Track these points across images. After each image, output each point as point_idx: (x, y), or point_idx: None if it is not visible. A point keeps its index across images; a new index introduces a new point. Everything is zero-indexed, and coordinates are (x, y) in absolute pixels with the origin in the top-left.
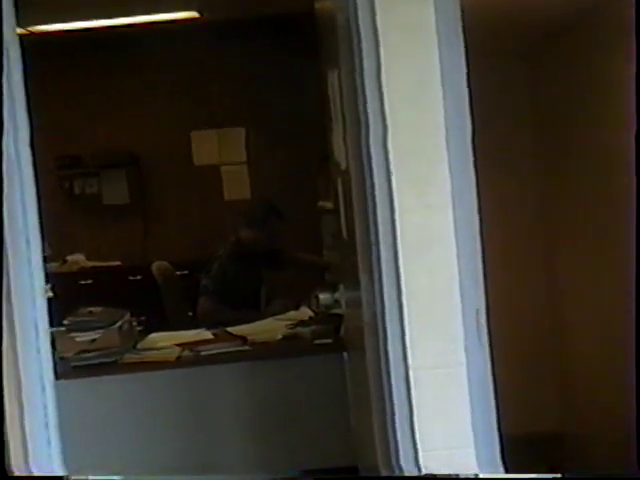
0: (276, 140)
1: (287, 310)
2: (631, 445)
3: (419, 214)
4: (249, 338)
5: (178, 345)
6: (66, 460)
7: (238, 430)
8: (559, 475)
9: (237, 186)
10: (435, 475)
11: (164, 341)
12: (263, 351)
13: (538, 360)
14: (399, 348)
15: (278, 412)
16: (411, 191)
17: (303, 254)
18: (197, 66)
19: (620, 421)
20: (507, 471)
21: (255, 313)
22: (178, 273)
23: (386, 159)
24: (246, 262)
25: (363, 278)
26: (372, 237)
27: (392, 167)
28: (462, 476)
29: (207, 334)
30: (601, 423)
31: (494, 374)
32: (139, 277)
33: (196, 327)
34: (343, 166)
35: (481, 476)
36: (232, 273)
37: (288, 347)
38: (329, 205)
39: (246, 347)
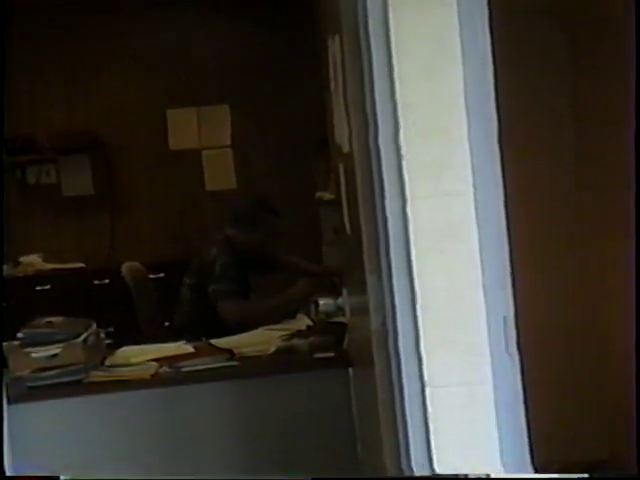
0: (266, 120)
1: (309, 294)
2: None
3: (435, 203)
4: (236, 352)
5: (154, 360)
6: None
7: (224, 458)
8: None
9: (221, 174)
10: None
11: (138, 356)
12: (253, 367)
13: (576, 376)
14: (413, 362)
15: (271, 439)
16: (426, 176)
17: (298, 260)
18: (176, 36)
19: None
20: None
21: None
22: (152, 276)
23: (396, 139)
24: (236, 265)
25: (370, 280)
26: (380, 231)
27: (403, 148)
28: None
29: (187, 347)
30: None
31: (525, 393)
32: (106, 281)
33: (175, 339)
34: (345, 149)
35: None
36: (238, 272)
37: (282, 362)
38: (329, 195)
39: (233, 362)
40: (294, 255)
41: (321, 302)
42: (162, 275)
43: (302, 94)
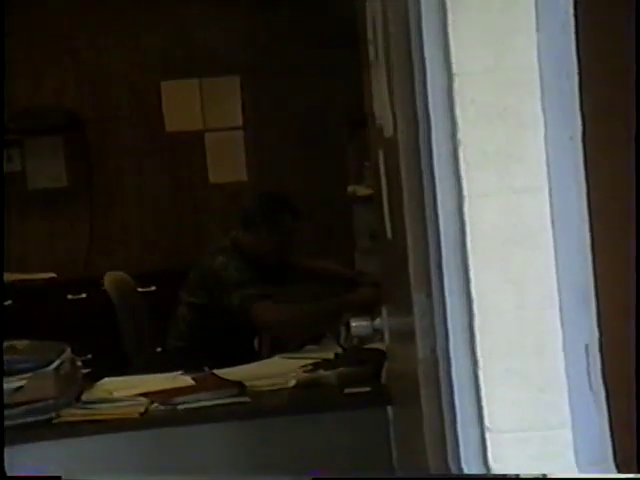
0: (286, 96)
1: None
2: None
3: (500, 202)
4: (247, 385)
5: (144, 395)
6: None
7: None
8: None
9: (229, 163)
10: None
11: (123, 390)
12: (268, 404)
13: None
14: (471, 401)
15: None
16: (488, 168)
17: (329, 265)
18: None
19: None
20: None
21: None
22: (141, 290)
23: (452, 121)
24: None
25: (417, 296)
26: (430, 236)
27: (460, 132)
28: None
29: (185, 379)
30: None
31: (613, 439)
32: (83, 295)
33: (170, 368)
34: (387, 132)
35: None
36: (257, 279)
37: (305, 399)
38: (364, 190)
39: (244, 398)
40: (322, 260)
41: (354, 323)
42: (153, 289)
43: (331, 63)
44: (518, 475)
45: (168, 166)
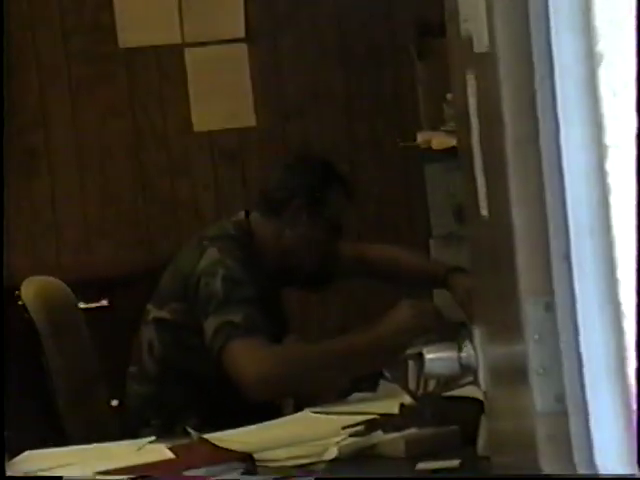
0: None
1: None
2: None
3: None
4: (259, 458)
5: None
6: None
7: None
8: None
9: (225, 98)
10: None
11: (55, 467)
12: None
13: None
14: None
15: None
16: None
17: (391, 250)
18: None
19: None
20: None
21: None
22: (84, 306)
23: (589, 28)
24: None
25: (530, 310)
26: (552, 211)
27: (601, 42)
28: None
29: (158, 449)
30: None
31: None
32: None
33: (131, 432)
34: (481, 45)
35: None
36: (259, 290)
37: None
38: (445, 140)
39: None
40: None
41: (429, 355)
42: (104, 303)
43: None
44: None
45: (124, 106)
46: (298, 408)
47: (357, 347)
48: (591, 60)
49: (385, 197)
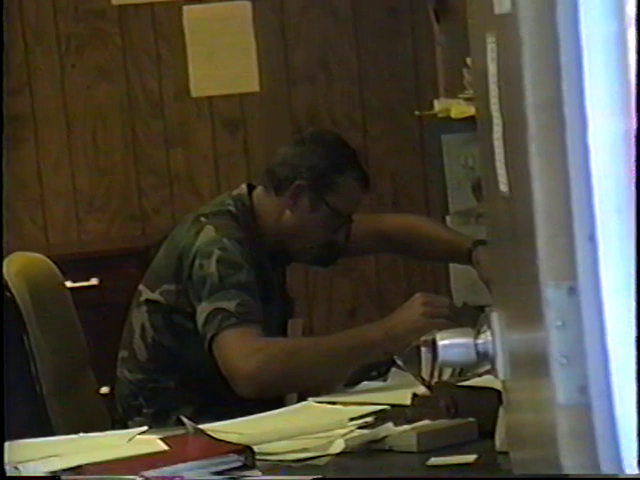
0: None
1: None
2: None
3: None
4: (259, 450)
5: (77, 472)
6: None
7: None
8: None
9: (226, 61)
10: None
11: (37, 462)
12: None
13: None
14: None
15: None
16: None
17: (413, 220)
18: None
19: None
20: None
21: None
22: (72, 285)
23: None
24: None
25: (551, 293)
26: (575, 187)
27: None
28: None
29: (152, 441)
30: None
31: None
32: None
33: (123, 422)
34: (502, 5)
35: None
36: (258, 274)
37: (362, 475)
38: (464, 109)
39: (254, 475)
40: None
41: (443, 342)
42: (94, 282)
43: None
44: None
45: (117, 66)
46: (301, 398)
47: (362, 344)
48: (620, 20)
49: (399, 170)
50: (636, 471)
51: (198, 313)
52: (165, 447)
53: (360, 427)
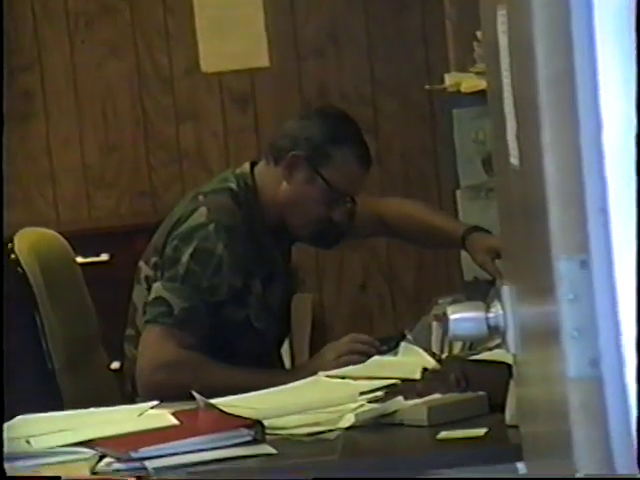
0: None
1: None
2: None
3: None
4: (269, 425)
5: (88, 445)
6: None
7: None
8: None
9: (236, 35)
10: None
11: (51, 435)
12: (307, 461)
13: None
14: None
15: None
16: None
17: (411, 205)
18: None
19: None
20: None
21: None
22: (83, 260)
23: None
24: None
25: (563, 266)
26: (586, 161)
27: None
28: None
29: (162, 415)
30: None
31: None
32: None
33: (131, 397)
34: None
35: None
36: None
37: (370, 449)
38: (475, 82)
39: (263, 449)
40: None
41: (454, 316)
42: (104, 258)
43: None
44: None
45: (126, 42)
46: (312, 372)
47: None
48: None
49: (409, 144)
50: None
51: (152, 288)
52: (175, 421)
53: (370, 401)
